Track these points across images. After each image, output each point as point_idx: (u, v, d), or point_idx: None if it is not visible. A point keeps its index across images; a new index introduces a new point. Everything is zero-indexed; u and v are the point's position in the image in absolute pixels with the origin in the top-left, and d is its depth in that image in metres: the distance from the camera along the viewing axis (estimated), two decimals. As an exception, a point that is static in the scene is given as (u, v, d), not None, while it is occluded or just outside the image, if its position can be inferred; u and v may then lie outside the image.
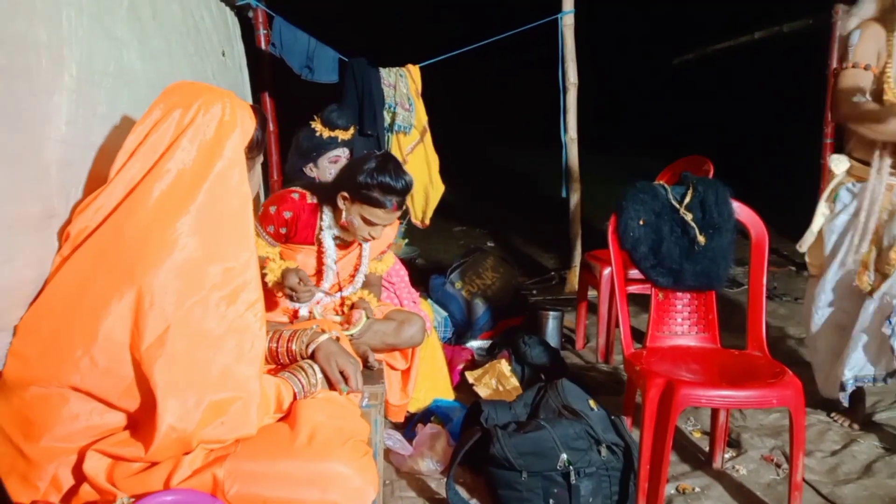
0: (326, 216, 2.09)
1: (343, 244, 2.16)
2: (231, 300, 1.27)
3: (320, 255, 2.13)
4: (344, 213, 2.02)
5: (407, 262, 4.59)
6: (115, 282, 1.19)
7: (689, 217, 2.25)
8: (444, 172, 4.24)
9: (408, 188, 1.97)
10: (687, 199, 2.28)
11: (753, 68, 6.69)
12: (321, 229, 2.10)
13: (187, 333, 1.20)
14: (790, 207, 5.29)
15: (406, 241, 4.77)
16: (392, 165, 1.97)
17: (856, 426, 2.52)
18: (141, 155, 1.27)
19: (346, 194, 1.99)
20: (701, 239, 2.23)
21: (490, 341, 3.38)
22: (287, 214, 2.08)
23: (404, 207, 2.20)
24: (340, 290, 2.18)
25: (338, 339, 1.63)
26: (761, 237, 2.23)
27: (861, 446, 2.40)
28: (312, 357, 1.57)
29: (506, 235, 6.31)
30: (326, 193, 2.08)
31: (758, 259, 2.23)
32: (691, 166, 3.17)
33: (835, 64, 4.47)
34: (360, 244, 2.18)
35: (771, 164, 6.23)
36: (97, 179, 1.39)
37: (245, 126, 1.33)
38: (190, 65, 2.28)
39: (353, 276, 2.21)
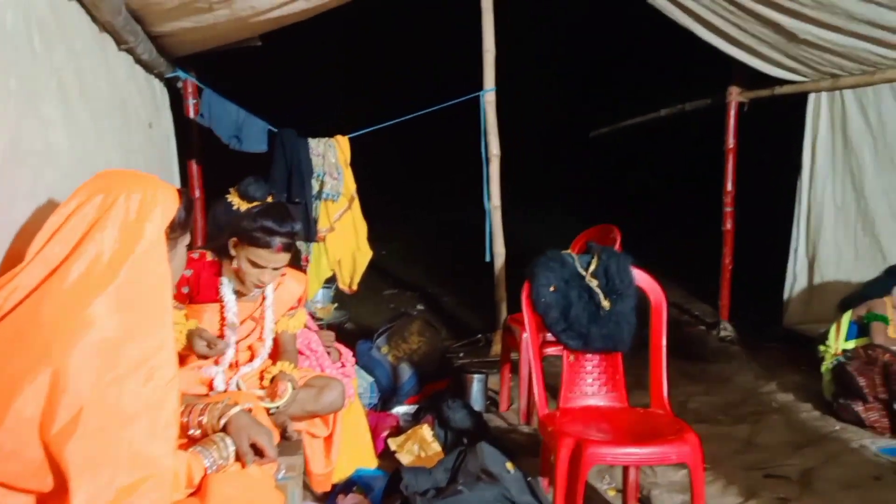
0: (226, 271, 2.12)
1: (246, 299, 2.18)
2: (147, 378, 1.29)
3: (223, 311, 2.14)
4: (234, 260, 2.07)
5: (336, 327, 4.63)
6: (30, 362, 1.19)
7: (594, 284, 2.42)
8: (375, 237, 4.34)
9: (292, 231, 2.03)
10: (592, 267, 2.45)
11: (664, 142, 7.25)
12: (222, 284, 2.12)
13: (102, 413, 1.20)
14: (699, 271, 5.67)
15: (335, 305, 4.79)
16: (277, 210, 2.07)
17: None
18: (62, 236, 1.29)
19: (235, 239, 2.06)
20: (606, 304, 2.39)
21: (416, 406, 3.41)
22: (187, 273, 2.10)
23: (295, 251, 2.28)
24: (252, 355, 2.17)
25: (250, 410, 1.64)
26: (659, 302, 2.42)
27: (760, 500, 2.54)
28: (224, 430, 1.57)
29: (436, 298, 6.40)
30: (225, 251, 2.12)
31: (657, 322, 2.40)
32: (601, 234, 3.40)
33: (731, 140, 5.00)
34: (263, 299, 2.20)
35: (680, 230, 6.67)
36: (15, 258, 1.39)
37: (167, 208, 1.39)
38: (117, 138, 2.31)
39: (260, 334, 2.21)
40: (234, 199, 2.58)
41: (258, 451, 1.56)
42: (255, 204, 2.59)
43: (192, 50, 3.70)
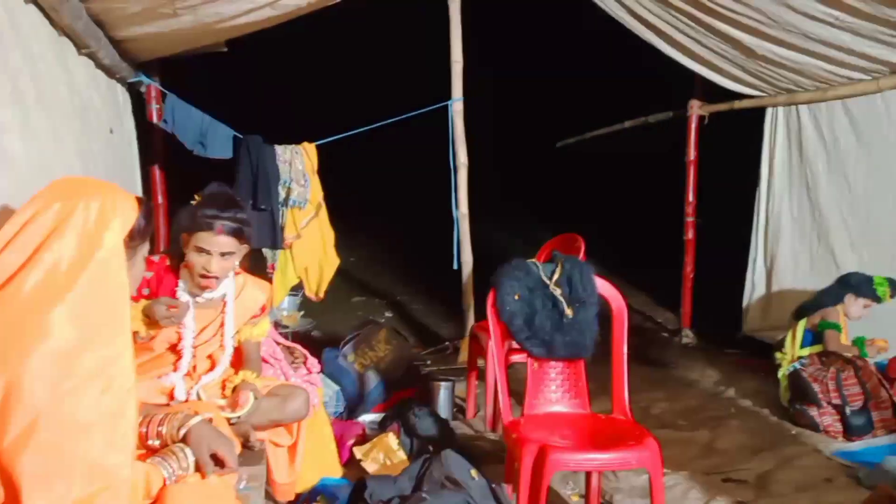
0: (184, 274, 2.10)
1: (205, 306, 2.15)
2: (105, 388, 1.27)
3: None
4: (186, 257, 2.06)
5: (302, 335, 4.59)
6: None
7: (558, 292, 2.46)
8: (342, 245, 4.33)
9: (235, 216, 2.02)
10: (556, 276, 2.49)
11: (628, 153, 7.40)
12: (178, 287, 2.10)
13: (57, 423, 1.18)
14: (662, 279, 5.79)
15: (301, 313, 4.75)
16: (220, 195, 2.09)
17: None
18: (17, 244, 1.27)
19: (185, 235, 2.06)
20: (569, 312, 2.43)
21: (383, 415, 3.40)
22: (147, 274, 2.07)
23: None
24: (213, 363, 2.14)
25: (211, 420, 1.62)
26: (620, 310, 2.46)
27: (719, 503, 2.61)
28: (184, 440, 1.55)
29: (404, 305, 6.40)
30: (182, 256, 2.11)
31: (618, 329, 2.45)
32: (566, 243, 3.45)
33: (692, 152, 5.13)
34: (224, 305, 2.16)
35: (644, 239, 6.80)
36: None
37: (126, 216, 1.37)
38: (75, 144, 2.27)
39: (221, 342, 2.17)
40: (199, 205, 2.55)
41: (219, 462, 1.55)
42: None
43: (156, 55, 3.65)
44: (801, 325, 3.56)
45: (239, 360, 2.27)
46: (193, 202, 2.57)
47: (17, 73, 1.81)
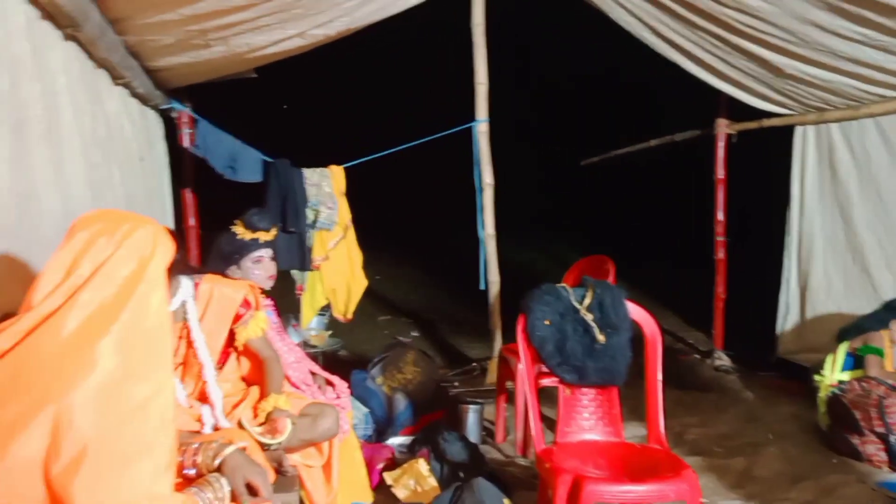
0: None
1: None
2: (149, 418, 1.28)
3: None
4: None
5: (330, 355, 4.60)
6: (30, 403, 1.19)
7: (589, 318, 2.42)
8: (369, 264, 4.34)
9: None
10: (587, 301, 2.46)
11: (655, 171, 7.35)
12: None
13: (104, 452, 1.20)
14: (692, 299, 5.70)
15: (329, 332, 4.76)
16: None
17: None
18: (65, 288, 1.29)
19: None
20: (601, 338, 2.40)
21: (411, 438, 3.37)
22: None
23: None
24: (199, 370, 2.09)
25: (245, 448, 1.63)
26: (654, 336, 2.42)
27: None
28: (219, 469, 1.56)
29: (430, 325, 6.38)
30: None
31: (652, 356, 2.40)
32: (595, 264, 3.42)
33: (720, 171, 5.07)
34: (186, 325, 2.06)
35: (673, 259, 6.72)
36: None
37: (166, 250, 1.40)
38: (89, 174, 2.28)
39: (188, 352, 2.09)
40: (240, 230, 2.58)
41: (253, 491, 1.55)
42: (258, 234, 2.60)
43: (189, 82, 3.73)
44: (843, 348, 3.45)
45: (256, 364, 2.27)
46: (233, 227, 2.62)
47: (44, 104, 1.85)
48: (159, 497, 1.25)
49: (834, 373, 3.42)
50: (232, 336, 2.22)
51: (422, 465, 2.82)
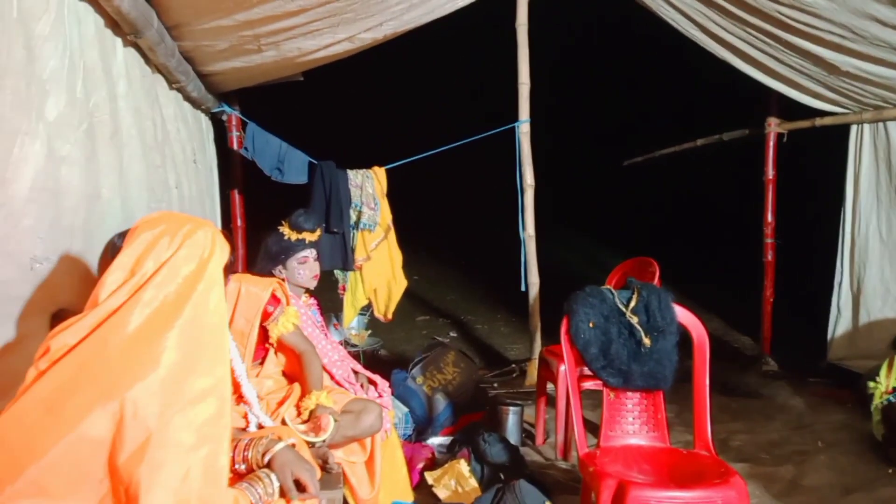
0: None
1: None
2: (206, 412, 1.34)
3: None
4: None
5: (370, 354, 4.66)
6: (98, 393, 1.25)
7: (634, 320, 2.40)
8: (408, 264, 4.38)
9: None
10: (632, 304, 2.43)
11: (701, 172, 7.19)
12: None
13: (165, 443, 1.26)
14: (738, 302, 5.57)
15: (369, 332, 4.83)
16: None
17: None
18: (129, 286, 1.35)
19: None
20: (646, 341, 2.37)
21: (451, 438, 3.39)
22: None
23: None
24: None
25: (293, 445, 1.67)
26: (702, 340, 2.38)
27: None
28: (269, 465, 1.60)
29: (469, 325, 6.40)
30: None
31: (700, 360, 2.36)
32: (638, 267, 3.37)
33: (770, 171, 4.93)
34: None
35: (719, 260, 6.57)
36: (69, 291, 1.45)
37: (224, 250, 1.46)
38: (148, 176, 2.36)
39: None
40: (286, 230, 2.65)
41: (301, 487, 1.58)
42: (303, 235, 2.66)
43: (238, 86, 3.83)
44: (900, 355, 3.33)
45: (294, 358, 2.32)
46: (280, 227, 2.68)
47: (104, 107, 1.93)
48: (214, 491, 1.30)
49: (890, 380, 3.30)
50: (265, 333, 2.27)
51: (462, 466, 2.83)
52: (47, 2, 1.57)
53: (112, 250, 1.71)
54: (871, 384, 3.39)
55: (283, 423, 2.08)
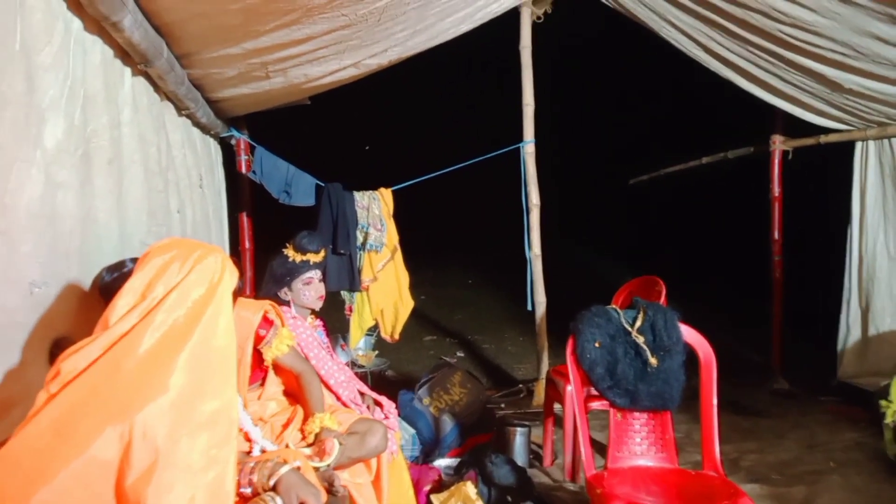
0: None
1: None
2: (213, 435, 1.35)
3: None
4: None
5: (377, 375, 4.65)
6: (109, 415, 1.26)
7: (640, 340, 2.39)
8: (415, 284, 4.40)
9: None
10: (638, 323, 2.43)
11: (707, 190, 7.20)
12: None
13: (173, 465, 1.27)
14: (747, 320, 5.53)
15: (376, 352, 4.82)
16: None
17: None
18: (140, 309, 1.38)
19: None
20: (653, 361, 2.36)
21: (458, 459, 3.37)
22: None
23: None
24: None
25: (299, 468, 1.67)
26: (709, 360, 2.37)
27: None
28: (274, 489, 1.60)
29: (475, 345, 6.38)
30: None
31: (707, 380, 2.35)
32: (645, 286, 3.37)
33: (776, 188, 4.93)
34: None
35: (726, 279, 6.54)
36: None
37: (233, 275, 1.49)
38: (149, 201, 2.38)
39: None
40: (290, 252, 2.66)
41: (306, 512, 1.58)
42: (308, 257, 2.67)
43: (247, 111, 3.89)
44: (910, 373, 3.30)
45: (293, 379, 2.31)
46: (285, 249, 2.71)
47: (102, 135, 1.96)
48: None
49: (902, 398, 3.27)
50: (260, 356, 2.26)
51: (469, 488, 2.81)
52: (50, 34, 1.60)
53: (100, 283, 1.73)
54: (884, 403, 3.35)
55: (287, 447, 2.08)
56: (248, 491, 1.65)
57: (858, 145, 4.51)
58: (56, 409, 1.30)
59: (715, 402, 2.32)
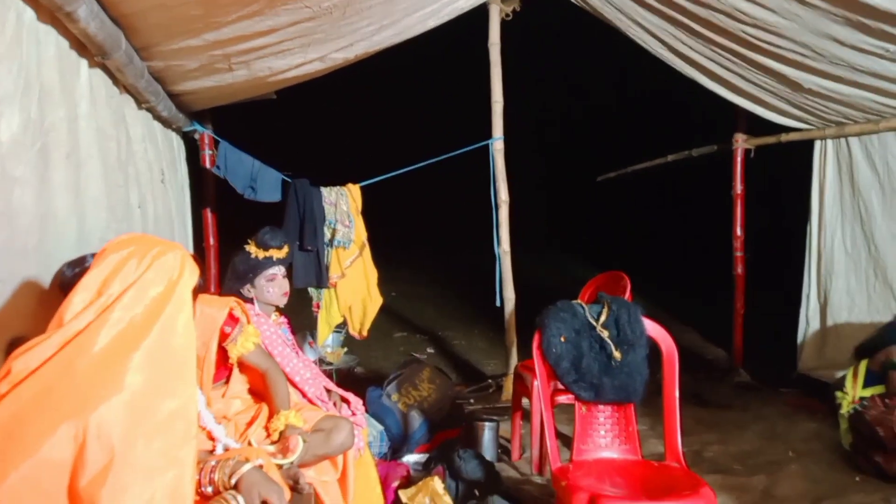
0: None
1: None
2: (171, 435, 1.32)
3: None
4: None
5: (346, 372, 4.62)
6: (62, 415, 1.23)
7: (605, 334, 2.42)
8: (385, 280, 4.38)
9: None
10: (603, 318, 2.46)
11: (672, 188, 7.33)
12: None
13: (129, 465, 1.24)
14: (710, 315, 5.64)
15: (345, 349, 4.79)
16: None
17: None
18: (96, 307, 1.34)
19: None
20: (617, 355, 2.39)
21: (427, 455, 3.37)
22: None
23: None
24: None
25: (261, 466, 1.65)
26: (671, 353, 2.41)
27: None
28: (236, 487, 1.58)
29: (446, 342, 6.39)
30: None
31: (669, 373, 2.39)
32: (610, 281, 3.41)
33: (738, 186, 5.04)
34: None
35: (690, 274, 6.67)
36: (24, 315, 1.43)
37: (193, 273, 1.46)
38: (108, 196, 2.32)
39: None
40: (253, 249, 2.62)
41: (269, 510, 1.57)
42: (270, 252, 2.64)
43: (211, 105, 3.82)
44: (864, 364, 3.40)
45: (258, 377, 2.28)
46: (247, 246, 2.66)
47: (69, 128, 1.92)
48: None
49: (856, 389, 3.37)
50: (225, 353, 2.23)
51: (437, 483, 2.81)
52: (2, 24, 1.55)
53: (60, 279, 1.68)
54: (839, 394, 3.45)
55: (250, 445, 2.05)
56: (209, 490, 1.62)
57: (817, 144, 4.64)
58: (6, 410, 1.26)
59: (677, 394, 2.37)
